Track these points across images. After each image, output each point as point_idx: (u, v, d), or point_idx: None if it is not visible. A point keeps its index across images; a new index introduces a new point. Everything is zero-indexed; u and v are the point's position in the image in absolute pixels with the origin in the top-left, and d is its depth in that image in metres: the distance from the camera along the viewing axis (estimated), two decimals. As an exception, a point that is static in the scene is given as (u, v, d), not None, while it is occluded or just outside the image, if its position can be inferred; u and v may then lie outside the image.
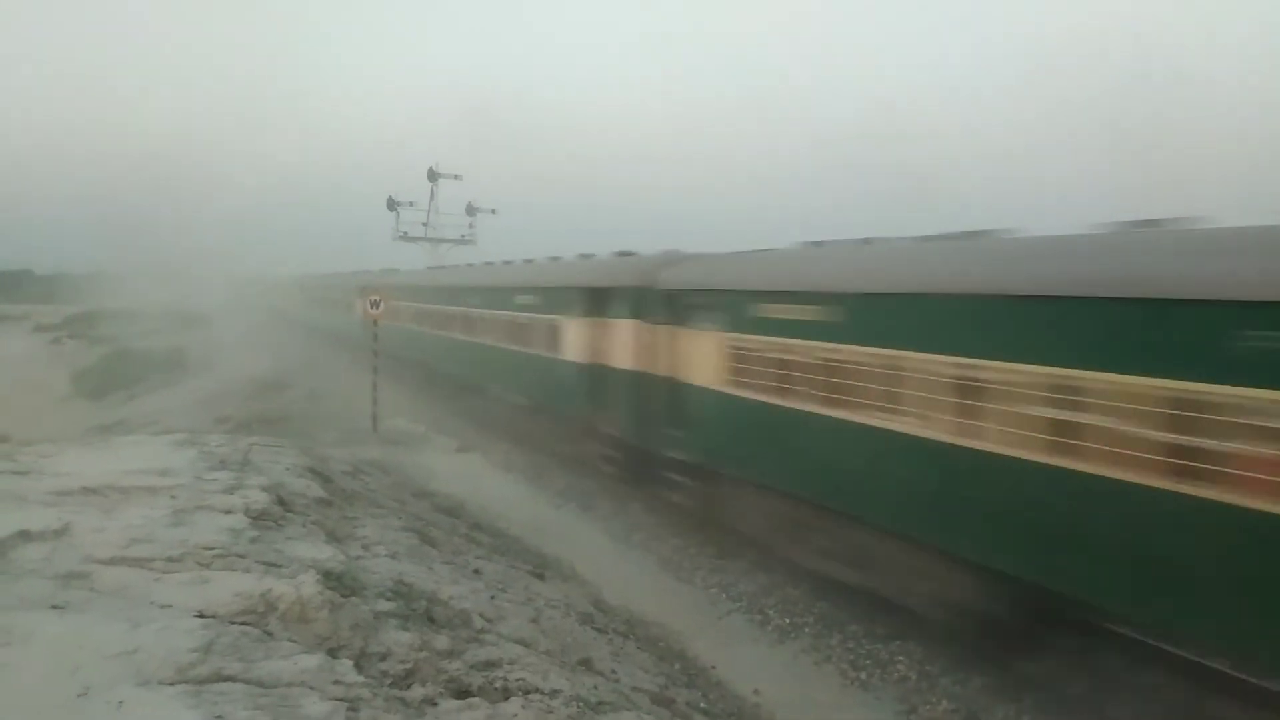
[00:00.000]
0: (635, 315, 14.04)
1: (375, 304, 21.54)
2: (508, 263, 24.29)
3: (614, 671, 6.71)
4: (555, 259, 20.19)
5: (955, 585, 8.53)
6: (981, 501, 8.03)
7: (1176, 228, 7.59)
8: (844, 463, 9.66)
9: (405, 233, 40.04)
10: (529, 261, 21.97)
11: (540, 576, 9.59)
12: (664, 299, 13.27)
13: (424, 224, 40.05)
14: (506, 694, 5.01)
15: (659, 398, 13.40)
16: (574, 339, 16.19)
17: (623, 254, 16.59)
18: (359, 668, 4.70)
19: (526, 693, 5.09)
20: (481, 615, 6.47)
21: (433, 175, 39.53)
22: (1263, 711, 7.33)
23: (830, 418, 9.72)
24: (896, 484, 8.91)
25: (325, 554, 6.47)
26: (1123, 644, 8.78)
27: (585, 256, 18.34)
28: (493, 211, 41.34)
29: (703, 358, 12.25)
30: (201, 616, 4.81)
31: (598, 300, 15.31)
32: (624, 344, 14.38)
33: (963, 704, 8.28)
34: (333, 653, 4.80)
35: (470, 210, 40.91)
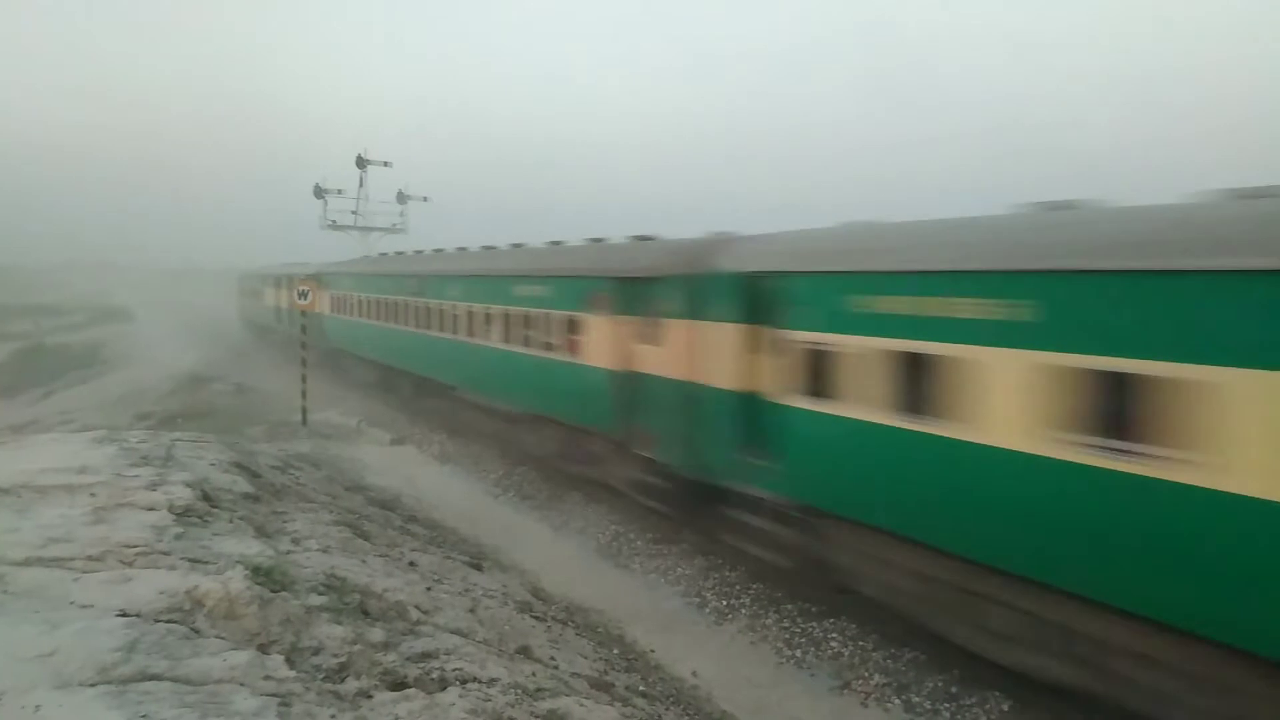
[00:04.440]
0: (327, 289, 29.79)
1: (303, 294, 21.03)
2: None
3: (553, 658, 6.72)
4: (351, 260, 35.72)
5: (393, 377, 24.97)
6: (384, 342, 24.84)
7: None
8: (372, 341, 25.94)
9: (334, 221, 39.07)
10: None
11: (478, 567, 9.54)
12: (327, 278, 29.69)
13: (353, 212, 39.16)
14: (444, 684, 4.97)
15: (326, 326, 29.96)
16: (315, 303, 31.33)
17: (341, 263, 33.14)
18: (290, 663, 4.62)
19: (464, 682, 5.07)
20: (417, 607, 6.41)
21: (361, 162, 38.60)
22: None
23: (365, 322, 26.28)
24: (379, 343, 25.34)
25: (253, 549, 6.33)
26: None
27: (328, 263, 34.69)
28: (424, 199, 40.60)
29: (328, 302, 29.59)
30: (124, 615, 4.67)
31: (322, 282, 29.48)
32: (324, 302, 30.03)
33: (895, 677, 8.52)
34: (263, 648, 4.71)
35: (401, 198, 40.08)
